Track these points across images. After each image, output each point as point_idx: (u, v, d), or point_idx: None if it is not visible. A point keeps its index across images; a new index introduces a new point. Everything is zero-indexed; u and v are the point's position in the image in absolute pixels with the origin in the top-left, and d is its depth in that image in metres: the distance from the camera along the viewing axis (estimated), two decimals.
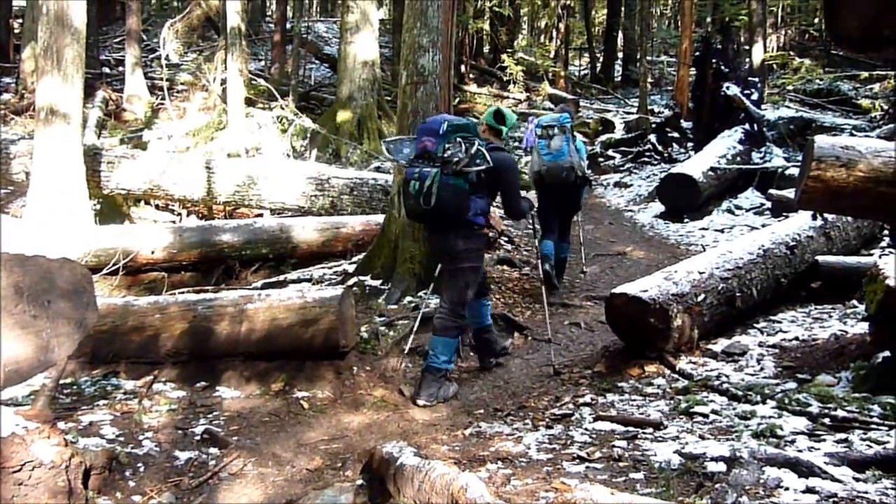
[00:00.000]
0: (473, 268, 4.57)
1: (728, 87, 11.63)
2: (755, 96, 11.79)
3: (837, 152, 3.85)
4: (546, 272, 6.19)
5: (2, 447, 2.71)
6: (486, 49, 22.53)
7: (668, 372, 4.51)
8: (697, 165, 10.42)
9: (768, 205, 9.88)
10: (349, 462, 3.73)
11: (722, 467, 2.92)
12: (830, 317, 5.46)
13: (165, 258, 7.37)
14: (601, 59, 23.60)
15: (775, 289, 5.68)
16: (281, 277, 6.96)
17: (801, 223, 6.22)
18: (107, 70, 16.11)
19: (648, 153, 13.54)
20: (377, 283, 6.12)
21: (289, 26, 18.11)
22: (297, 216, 8.53)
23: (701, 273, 5.09)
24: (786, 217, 7.75)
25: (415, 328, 5.14)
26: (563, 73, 20.49)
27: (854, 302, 5.58)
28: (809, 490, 2.65)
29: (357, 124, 12.44)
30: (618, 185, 12.55)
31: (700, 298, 4.89)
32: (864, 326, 4.61)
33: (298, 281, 6.74)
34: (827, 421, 3.45)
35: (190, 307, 4.77)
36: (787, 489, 2.66)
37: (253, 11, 20.19)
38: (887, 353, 3.93)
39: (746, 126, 11.52)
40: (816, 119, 13.17)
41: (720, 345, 4.94)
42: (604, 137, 14.91)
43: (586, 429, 3.75)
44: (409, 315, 5.47)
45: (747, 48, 14.65)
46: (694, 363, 4.62)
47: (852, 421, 3.42)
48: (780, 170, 10.42)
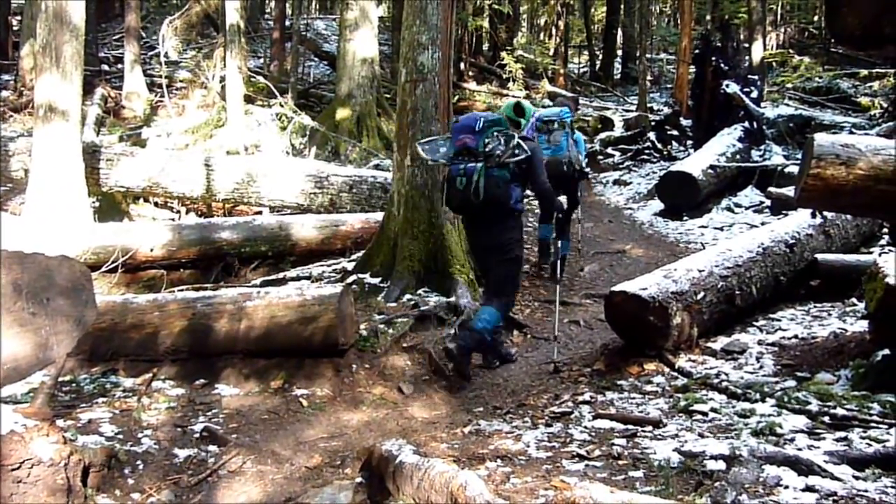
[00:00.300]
0: (520, 257, 4.89)
1: (727, 85, 11.62)
2: (755, 94, 11.78)
3: (837, 150, 3.84)
4: (553, 265, 6.18)
5: (1, 445, 2.71)
6: (485, 47, 22.50)
7: (667, 370, 4.51)
8: (697, 163, 10.42)
9: (768, 203, 9.89)
10: (348, 460, 3.72)
11: (721, 465, 2.91)
12: (830, 315, 5.46)
13: (164, 256, 7.36)
14: (600, 57, 23.58)
15: (775, 287, 5.68)
16: (280, 275, 6.96)
17: (800, 221, 6.22)
18: (106, 67, 16.08)
19: (648, 151, 13.54)
20: (376, 280, 6.12)
21: (288, 23, 18.08)
22: (296, 214, 8.53)
23: (700, 271, 5.09)
24: (785, 215, 7.75)
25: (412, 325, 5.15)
26: (562, 71, 20.48)
27: (853, 300, 5.59)
28: (809, 488, 2.64)
29: (356, 122, 12.43)
30: (617, 182, 12.55)
31: (699, 296, 4.89)
32: (864, 324, 4.62)
33: (297, 278, 6.73)
34: (826, 419, 3.45)
35: (189, 305, 4.76)
36: (786, 487, 2.66)
37: (252, 8, 20.16)
38: (887, 352, 3.94)
39: (746, 124, 11.52)
40: (816, 117, 13.15)
41: (719, 343, 4.94)
42: (603, 135, 14.90)
43: (586, 427, 3.75)
44: (408, 313, 5.47)
45: (747, 46, 14.64)
46: (693, 361, 4.62)
47: (852, 419, 3.42)
48: (779, 168, 10.42)
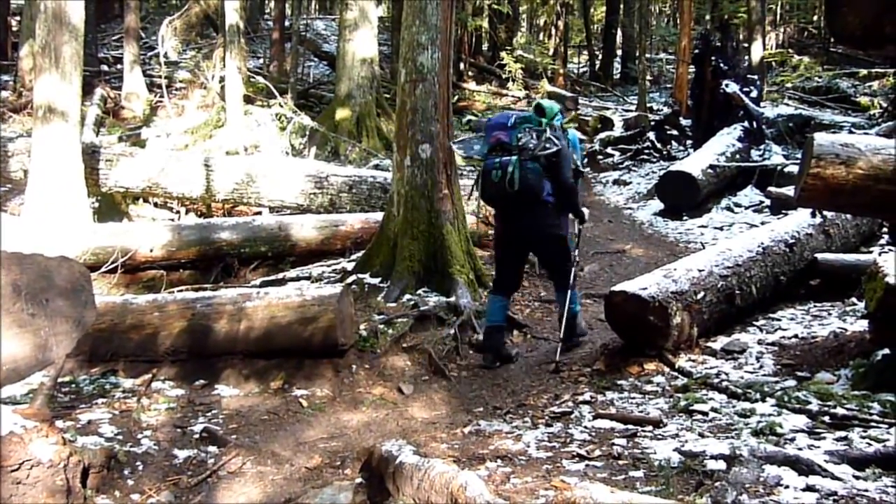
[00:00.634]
0: (563, 235, 5.10)
1: (727, 85, 11.61)
2: (754, 94, 11.77)
3: (837, 150, 3.84)
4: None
5: (0, 446, 2.71)
6: (484, 47, 22.48)
7: (667, 370, 4.51)
8: (696, 163, 10.41)
9: (767, 202, 9.87)
10: (348, 460, 3.72)
11: (722, 465, 2.91)
12: (830, 314, 5.46)
13: (164, 256, 7.35)
14: (600, 57, 23.57)
15: (774, 286, 5.67)
16: (280, 275, 6.95)
17: (800, 221, 6.22)
18: (105, 68, 16.07)
19: (647, 151, 13.52)
20: (376, 280, 6.12)
21: (287, 24, 18.07)
22: (295, 214, 8.52)
23: (700, 271, 5.08)
24: (785, 215, 7.74)
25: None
26: (561, 71, 20.47)
27: (853, 300, 5.58)
28: (809, 488, 2.64)
29: (356, 122, 12.42)
30: (617, 182, 12.53)
31: (699, 296, 4.88)
32: (864, 324, 4.61)
33: (297, 279, 6.72)
34: (826, 419, 3.45)
35: (188, 305, 4.76)
36: (786, 487, 2.65)
37: (251, 9, 20.14)
38: (887, 351, 3.93)
39: (745, 124, 11.50)
40: (815, 116, 13.16)
41: (719, 342, 4.94)
42: (603, 135, 14.88)
43: (586, 427, 3.74)
44: (408, 313, 5.47)
45: (746, 46, 14.63)
46: (693, 361, 4.62)
47: (852, 419, 3.41)
48: (779, 167, 10.41)
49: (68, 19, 7.40)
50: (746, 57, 13.88)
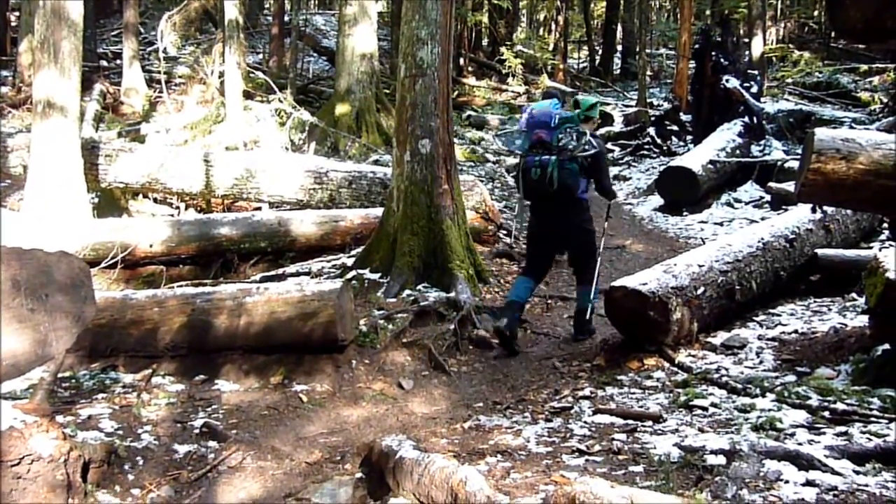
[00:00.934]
0: (593, 231, 5.34)
1: (727, 80, 11.60)
2: (754, 89, 11.76)
3: (837, 145, 3.83)
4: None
5: (0, 441, 2.71)
6: (484, 42, 22.46)
7: (667, 365, 4.51)
8: (696, 158, 10.41)
9: (767, 198, 9.88)
10: (348, 455, 3.72)
11: (721, 460, 2.91)
12: (830, 310, 5.46)
13: (164, 252, 7.35)
14: (600, 52, 23.54)
15: (774, 282, 5.67)
16: (279, 271, 6.95)
17: (800, 216, 6.22)
18: (104, 63, 16.02)
19: (647, 146, 13.52)
20: (376, 276, 6.11)
21: (287, 19, 18.01)
22: (295, 209, 8.50)
23: (700, 266, 5.08)
24: (785, 210, 7.75)
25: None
26: (561, 66, 20.44)
27: (853, 295, 5.58)
28: (809, 483, 2.65)
29: (355, 117, 12.40)
30: (616, 178, 12.51)
31: (699, 291, 4.88)
32: (864, 319, 4.61)
33: (297, 274, 6.72)
34: (826, 414, 3.45)
35: (188, 301, 4.76)
36: (786, 482, 2.66)
37: (251, 4, 20.08)
38: (887, 346, 3.93)
39: (746, 119, 11.50)
40: (816, 112, 13.15)
41: (719, 338, 4.94)
42: (603, 130, 14.85)
43: (585, 422, 3.75)
44: (408, 308, 5.47)
45: (746, 41, 14.62)
46: (693, 356, 4.62)
47: (852, 414, 3.42)
48: (779, 163, 10.41)
49: (67, 15, 7.38)
50: (747, 52, 13.87)
